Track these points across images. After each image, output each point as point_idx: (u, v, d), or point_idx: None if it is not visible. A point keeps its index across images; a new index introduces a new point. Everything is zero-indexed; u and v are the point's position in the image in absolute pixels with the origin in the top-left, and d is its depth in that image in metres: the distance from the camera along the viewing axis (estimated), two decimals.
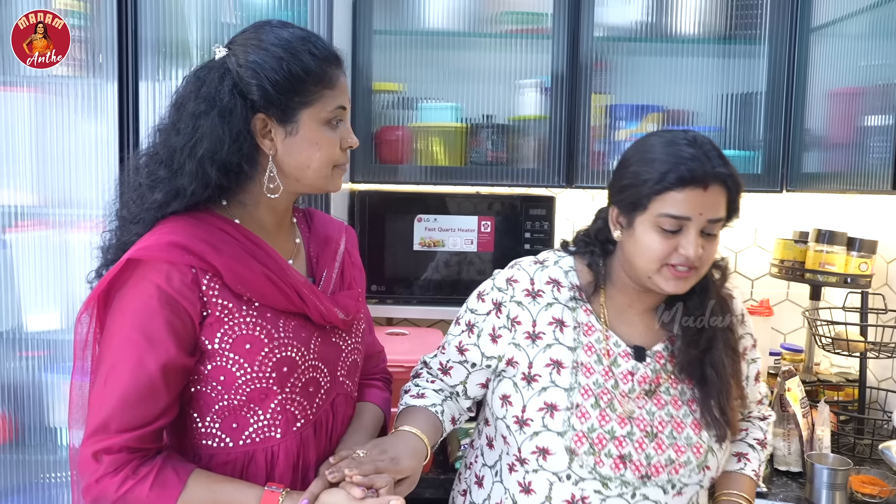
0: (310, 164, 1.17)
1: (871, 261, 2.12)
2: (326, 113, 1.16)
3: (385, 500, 1.11)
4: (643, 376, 1.28)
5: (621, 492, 1.24)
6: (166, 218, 1.14)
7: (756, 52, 2.16)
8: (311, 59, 1.13)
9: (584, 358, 1.28)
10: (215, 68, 1.14)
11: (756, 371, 1.43)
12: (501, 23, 2.17)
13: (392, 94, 2.19)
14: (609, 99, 2.19)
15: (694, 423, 1.28)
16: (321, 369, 1.22)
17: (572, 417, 1.24)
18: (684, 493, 1.27)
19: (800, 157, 2.13)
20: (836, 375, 2.31)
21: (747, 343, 1.40)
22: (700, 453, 1.26)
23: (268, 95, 1.12)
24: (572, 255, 1.38)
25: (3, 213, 1.81)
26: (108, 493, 1.07)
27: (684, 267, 1.21)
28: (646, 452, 1.24)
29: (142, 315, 1.08)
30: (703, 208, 1.18)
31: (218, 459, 1.16)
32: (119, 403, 1.07)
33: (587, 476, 1.24)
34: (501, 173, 2.17)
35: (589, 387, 1.26)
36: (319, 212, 1.41)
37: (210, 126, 1.10)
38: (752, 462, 1.45)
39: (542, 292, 1.32)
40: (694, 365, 1.28)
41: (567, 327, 1.30)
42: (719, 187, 1.19)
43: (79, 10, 1.75)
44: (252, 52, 1.13)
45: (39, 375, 1.85)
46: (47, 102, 1.79)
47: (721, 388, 1.27)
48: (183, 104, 1.14)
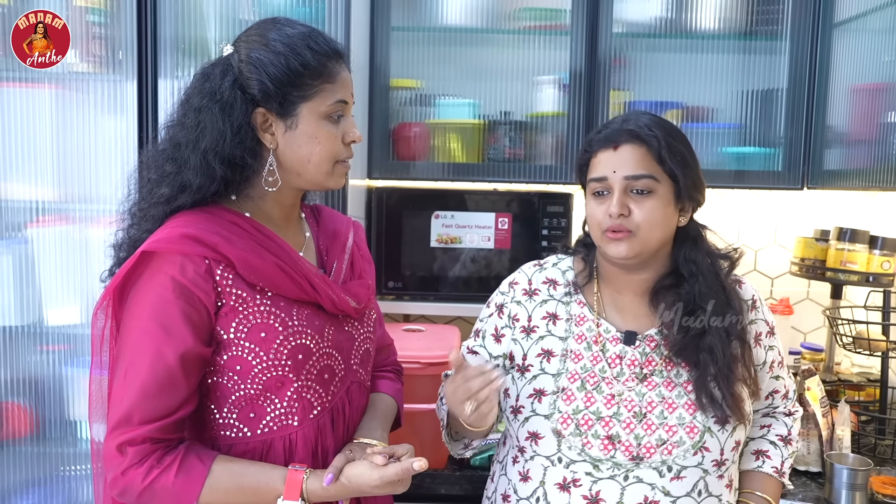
0: (310, 159, 1.18)
1: (893, 259, 2.09)
2: (326, 107, 1.17)
3: (408, 463, 1.13)
4: (632, 359, 1.29)
5: (613, 473, 1.23)
6: (177, 213, 1.16)
7: (777, 48, 2.14)
8: (309, 54, 1.15)
9: (574, 346, 1.31)
10: (219, 65, 1.17)
11: (773, 358, 1.39)
12: (519, 19, 2.17)
13: (410, 91, 2.19)
14: (628, 96, 2.18)
15: (688, 403, 1.25)
16: (335, 357, 1.23)
17: (558, 400, 1.27)
18: (685, 478, 1.24)
19: (821, 154, 2.11)
20: (858, 375, 2.29)
21: (761, 329, 1.37)
22: (694, 433, 1.23)
23: (266, 89, 1.14)
24: (572, 257, 1.42)
25: (24, 209, 1.83)
26: (135, 483, 1.09)
27: (615, 229, 1.24)
28: (635, 433, 1.24)
29: (158, 306, 1.10)
30: (617, 166, 1.24)
31: (237, 449, 1.18)
32: (140, 395, 1.09)
33: (577, 458, 1.24)
34: (519, 170, 2.17)
35: (576, 371, 1.29)
36: (327, 207, 1.43)
37: (211, 120, 1.12)
38: (773, 459, 1.43)
39: (538, 291, 1.38)
40: (688, 349, 1.26)
41: (560, 320, 1.34)
42: (631, 144, 1.24)
43: (99, 6, 1.76)
44: (254, 48, 1.15)
45: (60, 369, 1.87)
46: (69, 99, 1.80)
47: (719, 372, 1.24)
48: (189, 100, 1.16)
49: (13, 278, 1.82)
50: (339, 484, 1.15)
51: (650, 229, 1.24)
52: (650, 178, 1.24)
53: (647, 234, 1.24)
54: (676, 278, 1.31)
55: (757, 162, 2.15)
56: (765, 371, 1.38)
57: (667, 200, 1.25)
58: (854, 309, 2.17)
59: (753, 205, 2.42)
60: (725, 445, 1.25)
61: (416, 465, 1.13)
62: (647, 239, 1.25)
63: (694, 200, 1.29)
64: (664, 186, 1.25)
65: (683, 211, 1.30)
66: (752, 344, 1.34)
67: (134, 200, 1.21)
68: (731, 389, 1.25)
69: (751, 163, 2.15)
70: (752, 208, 2.42)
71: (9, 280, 1.81)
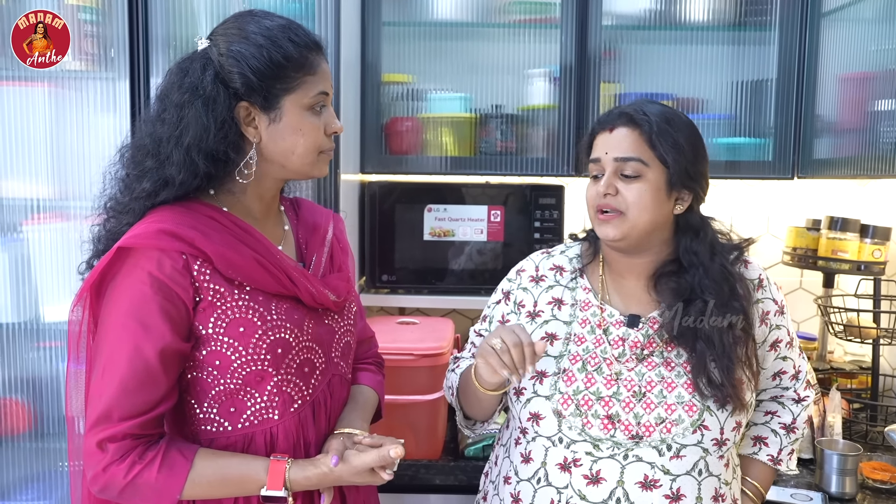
0: (294, 150, 1.18)
1: (884, 248, 2.10)
2: (309, 99, 1.17)
3: (384, 450, 1.16)
4: (634, 341, 1.30)
5: (613, 453, 1.25)
6: (155, 208, 1.16)
7: (766, 38, 2.15)
8: (291, 46, 1.15)
9: (578, 330, 1.33)
10: (197, 59, 1.15)
11: (779, 337, 1.38)
12: (510, 13, 2.18)
13: (401, 86, 2.20)
14: (618, 88, 2.19)
15: (687, 383, 1.26)
16: (315, 350, 1.24)
17: (559, 381, 1.28)
18: (684, 457, 1.24)
19: (811, 144, 2.12)
20: (850, 363, 2.30)
21: (768, 308, 1.36)
22: (693, 411, 1.24)
23: (249, 83, 1.13)
24: (580, 244, 1.44)
25: (21, 207, 1.84)
26: (117, 480, 1.09)
27: (604, 208, 1.27)
28: (634, 412, 1.25)
29: (136, 302, 1.10)
30: (609, 147, 1.28)
31: (218, 444, 1.18)
32: (119, 391, 1.08)
33: (577, 438, 1.26)
34: (511, 163, 2.18)
35: (578, 353, 1.30)
36: (307, 200, 1.43)
37: (195, 115, 1.12)
38: (770, 447, 1.44)
39: (544, 277, 1.41)
40: (686, 335, 1.27)
41: (565, 305, 1.36)
42: (624, 127, 1.27)
43: (91, 5, 1.77)
44: (234, 41, 1.14)
45: (57, 365, 1.88)
46: (63, 97, 1.81)
47: (718, 355, 1.24)
48: (167, 95, 1.15)
49: (10, 275, 1.83)
50: (320, 472, 1.16)
51: (638, 211, 1.26)
52: (638, 160, 1.25)
53: (635, 215, 1.26)
54: (678, 266, 1.32)
55: (748, 152, 2.16)
56: (766, 349, 1.37)
57: (657, 185, 1.26)
58: (846, 297, 2.18)
59: (745, 195, 2.43)
60: (725, 425, 1.25)
61: (391, 452, 1.15)
62: (636, 221, 1.26)
63: (689, 189, 1.29)
64: (654, 171, 1.26)
65: (680, 200, 1.30)
66: (758, 323, 1.34)
67: (109, 195, 1.20)
68: (731, 376, 1.24)
69: (742, 153, 2.16)
70: (745, 198, 2.43)
71: (5, 277, 1.82)
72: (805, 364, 1.46)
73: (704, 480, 1.26)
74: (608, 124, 1.29)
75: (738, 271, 1.33)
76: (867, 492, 1.71)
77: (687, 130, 1.28)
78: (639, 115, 1.26)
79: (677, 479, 1.24)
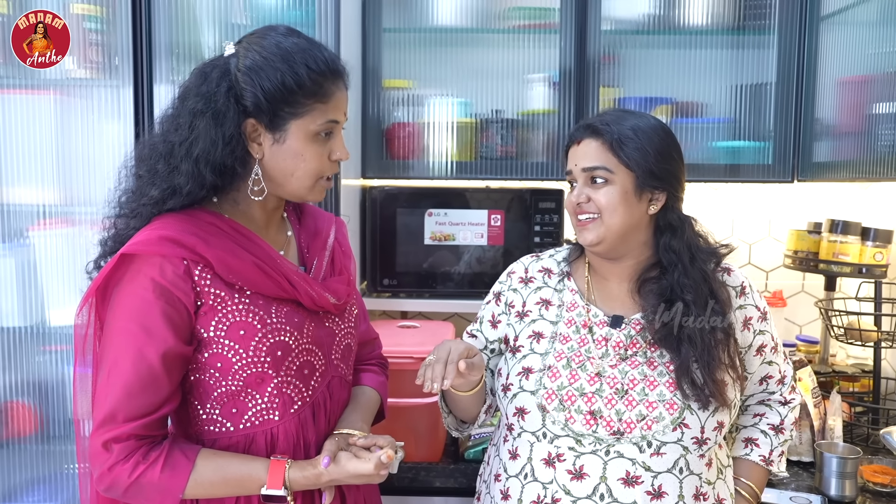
0: (294, 173, 1.20)
1: (886, 250, 2.10)
2: (316, 126, 1.19)
3: (376, 455, 1.19)
4: (617, 341, 1.34)
5: (595, 448, 1.27)
6: (161, 214, 1.18)
7: (766, 42, 2.16)
8: (305, 72, 1.16)
9: (564, 329, 1.37)
10: (219, 66, 1.17)
11: (763, 342, 1.41)
12: (509, 18, 2.19)
13: (402, 91, 2.22)
14: (618, 92, 2.20)
15: (669, 381, 1.29)
16: (315, 353, 1.26)
17: (544, 377, 1.32)
18: (665, 454, 1.27)
19: (810, 147, 2.12)
20: (852, 367, 2.30)
21: (751, 314, 1.39)
22: (674, 410, 1.26)
23: (259, 103, 1.15)
24: (568, 248, 1.50)
25: (27, 212, 1.86)
26: (121, 479, 1.12)
27: (580, 213, 1.34)
28: (616, 408, 1.27)
29: (139, 308, 1.13)
30: (578, 159, 1.35)
31: (220, 444, 1.21)
32: (123, 394, 1.12)
33: (561, 433, 1.28)
34: (511, 167, 2.19)
35: (563, 351, 1.34)
36: (309, 205, 1.44)
37: (205, 127, 1.14)
38: (762, 448, 1.46)
39: (533, 279, 1.46)
40: (669, 338, 1.30)
41: (552, 305, 1.41)
42: (589, 139, 1.34)
43: (96, 14, 1.80)
44: (253, 56, 1.16)
45: (63, 369, 1.90)
46: (68, 105, 1.84)
47: (701, 357, 1.27)
48: (186, 97, 1.18)
49: (17, 280, 1.86)
50: (317, 472, 1.18)
51: (610, 213, 1.31)
52: (604, 168, 1.32)
53: (608, 217, 1.31)
54: (661, 270, 1.35)
55: (748, 156, 2.17)
56: (752, 354, 1.40)
57: (625, 188, 1.31)
58: (847, 300, 2.18)
59: (746, 198, 2.43)
60: (706, 424, 1.28)
61: (382, 456, 1.19)
62: (610, 222, 1.31)
63: (659, 189, 1.33)
64: (620, 176, 1.31)
65: (654, 200, 1.33)
66: (741, 328, 1.37)
67: (124, 192, 1.23)
68: (713, 376, 1.27)
69: (742, 157, 2.17)
70: (746, 202, 2.44)
71: (12, 282, 1.85)
72: (790, 369, 1.49)
73: (686, 479, 1.28)
74: (576, 138, 1.37)
75: (720, 277, 1.37)
76: (867, 495, 1.71)
77: (653, 134, 1.32)
78: (601, 126, 1.33)
79: (658, 476, 1.26)
